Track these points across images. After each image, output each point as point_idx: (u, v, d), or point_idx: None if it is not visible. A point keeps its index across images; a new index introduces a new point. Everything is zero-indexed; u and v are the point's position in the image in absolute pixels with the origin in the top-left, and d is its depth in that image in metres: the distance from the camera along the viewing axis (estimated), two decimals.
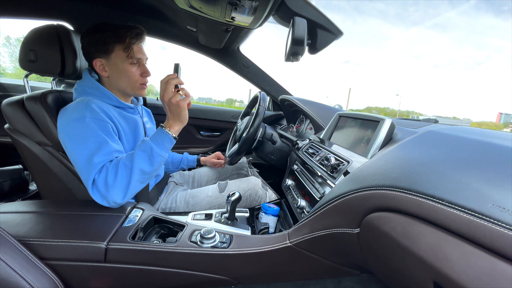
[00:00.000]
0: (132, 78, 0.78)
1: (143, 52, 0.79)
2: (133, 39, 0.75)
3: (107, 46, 0.74)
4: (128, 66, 0.77)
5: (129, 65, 0.77)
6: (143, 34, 0.79)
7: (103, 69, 0.77)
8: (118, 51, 0.75)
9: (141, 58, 0.79)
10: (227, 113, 1.73)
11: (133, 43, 0.75)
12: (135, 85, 0.80)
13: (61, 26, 0.80)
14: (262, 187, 0.97)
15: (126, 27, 0.75)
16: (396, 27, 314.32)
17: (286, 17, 0.77)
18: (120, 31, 0.74)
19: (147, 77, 0.81)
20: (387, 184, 0.41)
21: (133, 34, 0.75)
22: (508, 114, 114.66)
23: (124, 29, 0.75)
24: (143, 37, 0.79)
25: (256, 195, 0.93)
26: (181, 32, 1.33)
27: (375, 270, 0.51)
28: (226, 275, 0.62)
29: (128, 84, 0.79)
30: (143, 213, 0.69)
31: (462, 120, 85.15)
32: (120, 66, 0.76)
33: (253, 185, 0.94)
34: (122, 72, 0.77)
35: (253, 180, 0.97)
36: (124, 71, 0.77)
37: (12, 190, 1.15)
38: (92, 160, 0.65)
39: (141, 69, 0.79)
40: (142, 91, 0.83)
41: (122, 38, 0.74)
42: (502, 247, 0.26)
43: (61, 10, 1.12)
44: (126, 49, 0.75)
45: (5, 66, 6.77)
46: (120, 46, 0.75)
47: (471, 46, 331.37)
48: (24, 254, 0.51)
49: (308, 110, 1.20)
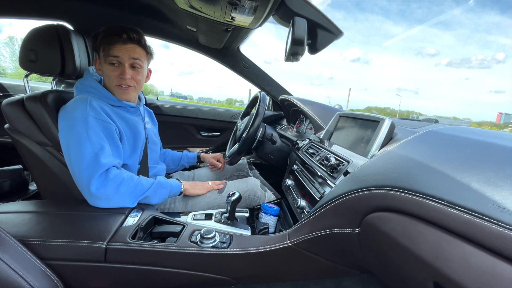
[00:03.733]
0: (109, 78, 0.78)
1: (125, 54, 0.76)
2: (108, 38, 0.75)
3: (97, 46, 0.77)
4: (106, 66, 0.77)
5: (107, 64, 0.76)
6: (125, 35, 0.75)
7: (99, 69, 0.80)
8: (101, 51, 0.76)
9: (121, 58, 0.76)
10: (227, 113, 1.73)
11: (111, 43, 0.75)
12: (112, 85, 0.78)
13: (61, 26, 0.80)
14: (261, 188, 0.96)
15: (113, 28, 0.76)
16: (399, 25, 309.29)
17: (286, 17, 0.77)
18: (107, 31, 0.75)
19: (126, 79, 0.77)
20: (387, 184, 0.41)
21: (111, 33, 0.75)
22: (508, 114, 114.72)
23: (110, 29, 0.75)
24: (123, 38, 0.75)
25: (255, 196, 0.93)
26: (181, 32, 1.33)
27: (375, 270, 0.51)
28: (226, 275, 0.62)
29: (108, 84, 0.79)
30: (143, 213, 0.69)
31: (462, 120, 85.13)
32: (103, 66, 0.78)
33: (252, 186, 0.94)
34: (104, 71, 0.78)
35: (252, 181, 0.96)
36: (104, 71, 0.78)
37: (12, 190, 1.16)
38: (99, 159, 0.67)
39: (119, 69, 0.77)
40: (120, 92, 0.79)
41: (105, 38, 0.75)
42: (502, 247, 0.26)
43: (61, 10, 1.12)
44: (105, 49, 0.75)
45: (5, 65, 6.79)
46: (103, 46, 0.76)
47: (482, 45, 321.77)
48: (24, 254, 0.51)
49: (308, 110, 1.20)
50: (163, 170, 1.03)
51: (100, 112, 0.71)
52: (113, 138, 0.74)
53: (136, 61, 0.78)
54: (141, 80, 0.83)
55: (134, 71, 0.79)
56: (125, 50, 0.76)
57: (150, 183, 0.76)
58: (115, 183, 0.68)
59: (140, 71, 0.81)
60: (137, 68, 0.80)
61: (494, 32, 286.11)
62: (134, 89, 0.82)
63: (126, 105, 0.82)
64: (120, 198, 0.69)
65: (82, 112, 0.69)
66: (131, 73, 0.78)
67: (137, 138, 0.83)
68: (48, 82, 1.89)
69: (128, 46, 0.76)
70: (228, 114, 1.73)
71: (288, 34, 0.76)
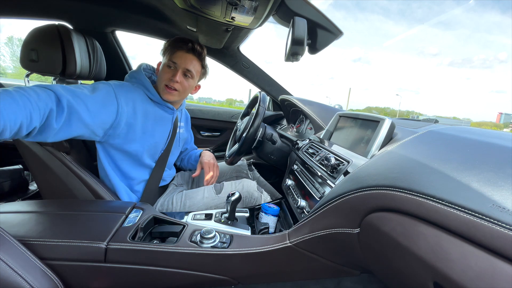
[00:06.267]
0: (161, 77, 0.85)
1: (183, 61, 0.84)
2: (175, 44, 0.84)
3: (164, 50, 0.87)
4: (164, 67, 0.85)
5: (165, 67, 0.84)
6: (190, 45, 0.84)
7: (159, 68, 0.88)
8: (166, 56, 0.86)
9: (178, 64, 0.83)
10: (227, 113, 1.73)
11: (175, 50, 0.83)
12: (161, 85, 0.85)
13: (62, 25, 0.80)
14: (258, 189, 0.97)
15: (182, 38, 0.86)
16: (399, 24, 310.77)
17: (286, 17, 0.77)
18: (177, 39, 0.86)
19: (175, 81, 0.83)
20: (387, 184, 0.41)
21: (179, 41, 0.84)
22: (508, 114, 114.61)
23: (180, 38, 0.86)
24: (188, 47, 0.84)
25: (252, 197, 0.94)
26: (181, 32, 1.32)
27: (375, 270, 0.51)
28: (226, 275, 0.62)
29: (159, 82, 0.86)
30: (143, 213, 0.69)
31: (462, 120, 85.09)
32: (161, 68, 0.86)
33: (248, 187, 0.94)
34: (160, 72, 0.86)
35: (248, 183, 0.97)
36: (160, 72, 0.86)
37: (12, 190, 1.16)
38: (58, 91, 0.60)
39: (172, 72, 0.84)
40: (165, 92, 0.85)
41: (173, 43, 0.85)
42: (502, 247, 0.26)
43: (61, 10, 1.12)
44: (169, 54, 0.84)
45: (5, 65, 6.80)
46: (168, 51, 0.85)
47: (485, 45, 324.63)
48: (24, 254, 0.51)
49: (308, 110, 1.20)
50: (170, 176, 1.03)
51: (123, 92, 0.76)
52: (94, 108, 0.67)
53: (190, 71, 0.85)
54: (188, 88, 0.89)
55: (184, 78, 0.86)
56: (184, 58, 0.84)
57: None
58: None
59: (190, 80, 0.87)
60: (188, 77, 0.87)
61: (494, 32, 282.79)
62: (179, 93, 0.87)
63: (163, 103, 0.88)
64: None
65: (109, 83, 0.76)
66: (181, 78, 0.85)
67: (157, 131, 0.87)
68: (48, 82, 1.89)
69: (188, 56, 0.84)
70: (228, 114, 1.73)
71: (288, 34, 0.76)
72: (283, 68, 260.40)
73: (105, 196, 0.81)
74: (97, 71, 0.95)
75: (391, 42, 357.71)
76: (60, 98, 0.60)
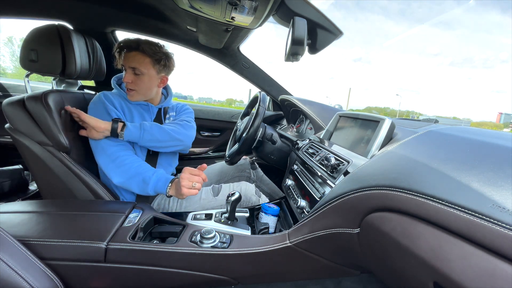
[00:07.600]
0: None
1: (127, 61, 0.85)
2: (120, 48, 0.86)
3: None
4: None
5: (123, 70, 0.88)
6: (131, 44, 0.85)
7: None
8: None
9: (125, 66, 0.86)
10: (227, 113, 1.73)
11: (120, 52, 0.86)
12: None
13: (62, 26, 0.80)
14: (256, 193, 0.96)
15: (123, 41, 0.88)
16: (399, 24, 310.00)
17: (286, 17, 0.77)
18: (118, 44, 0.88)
19: (127, 83, 0.87)
20: (387, 184, 0.41)
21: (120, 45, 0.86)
22: (508, 114, 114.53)
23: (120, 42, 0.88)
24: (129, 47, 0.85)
25: (249, 201, 0.94)
26: (181, 32, 1.33)
27: (375, 270, 0.51)
28: (226, 275, 0.62)
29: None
30: (143, 213, 0.69)
31: (462, 120, 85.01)
32: None
33: (246, 191, 0.94)
34: None
35: (246, 186, 0.96)
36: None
37: (12, 190, 1.16)
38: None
39: (125, 74, 0.87)
40: (128, 95, 0.90)
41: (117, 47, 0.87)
42: (502, 247, 0.26)
43: (61, 10, 1.12)
44: (118, 57, 0.88)
45: (5, 66, 6.80)
46: (117, 55, 0.88)
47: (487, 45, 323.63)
48: (24, 254, 0.51)
49: (308, 110, 1.20)
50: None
51: (107, 97, 0.87)
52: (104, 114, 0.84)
53: (136, 68, 0.85)
54: (143, 84, 0.88)
55: (135, 77, 0.86)
56: (127, 58, 0.85)
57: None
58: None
59: (141, 77, 0.86)
60: (138, 74, 0.86)
61: (495, 32, 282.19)
62: (137, 92, 0.89)
63: (135, 103, 0.92)
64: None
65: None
66: (131, 78, 0.86)
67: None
68: (48, 82, 1.89)
69: (129, 54, 0.85)
70: (228, 114, 1.73)
71: (288, 34, 0.76)
72: (283, 68, 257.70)
73: (105, 196, 0.81)
74: (97, 71, 0.95)
75: (392, 42, 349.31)
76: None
